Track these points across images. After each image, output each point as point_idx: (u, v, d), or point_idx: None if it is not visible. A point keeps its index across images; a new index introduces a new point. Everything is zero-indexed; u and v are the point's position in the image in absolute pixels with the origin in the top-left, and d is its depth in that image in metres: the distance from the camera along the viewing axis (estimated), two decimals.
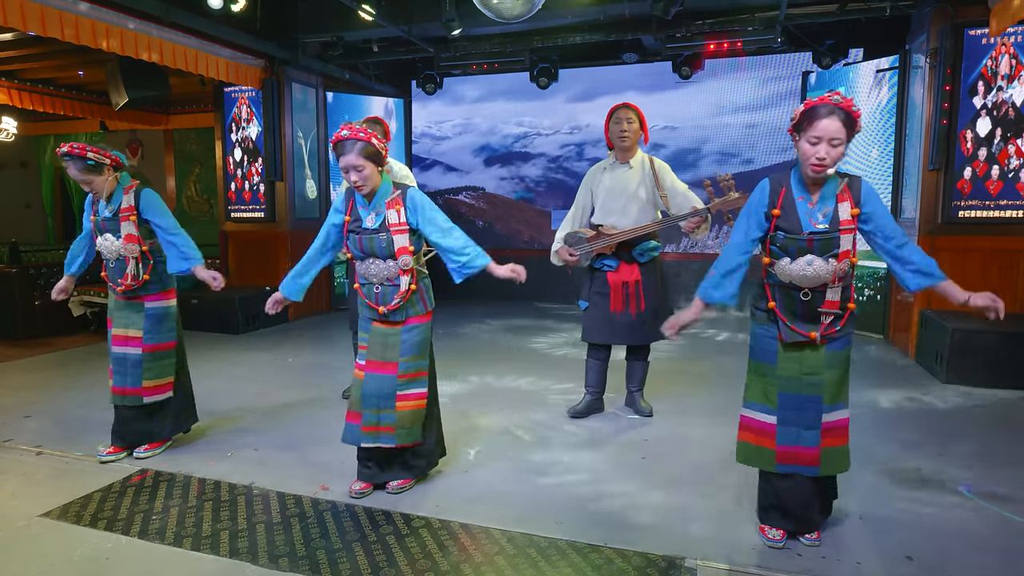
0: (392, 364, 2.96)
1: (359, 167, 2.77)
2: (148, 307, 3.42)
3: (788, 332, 2.49)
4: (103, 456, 3.41)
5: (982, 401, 4.39)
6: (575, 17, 6.32)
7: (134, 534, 2.67)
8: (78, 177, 3.28)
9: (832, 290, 2.46)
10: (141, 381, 3.37)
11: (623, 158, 3.87)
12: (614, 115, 3.84)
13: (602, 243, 3.81)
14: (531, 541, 2.58)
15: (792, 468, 2.51)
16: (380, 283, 2.92)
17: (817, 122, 2.31)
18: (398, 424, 2.94)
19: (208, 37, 6.15)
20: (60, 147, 3.27)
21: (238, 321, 6.62)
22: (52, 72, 7.60)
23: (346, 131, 2.77)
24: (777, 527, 2.59)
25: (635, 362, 4.09)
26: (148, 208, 3.36)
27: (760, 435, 2.56)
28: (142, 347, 3.38)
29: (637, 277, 3.84)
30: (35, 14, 4.60)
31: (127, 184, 3.38)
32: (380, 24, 6.37)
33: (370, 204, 2.89)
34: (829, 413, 2.50)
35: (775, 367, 2.54)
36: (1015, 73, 5.15)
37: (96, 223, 3.40)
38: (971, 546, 2.55)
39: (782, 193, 2.46)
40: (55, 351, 6.00)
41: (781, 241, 2.45)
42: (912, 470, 3.28)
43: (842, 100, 2.31)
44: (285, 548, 2.55)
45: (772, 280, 2.53)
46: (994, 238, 5.30)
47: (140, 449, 3.45)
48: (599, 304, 3.91)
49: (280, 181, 7.35)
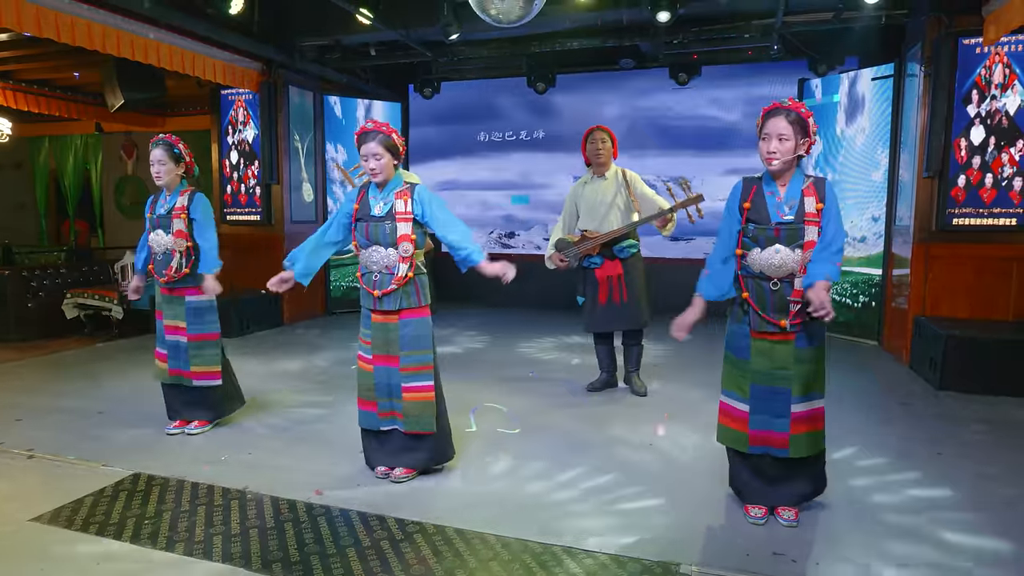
0: (394, 357, 3.13)
1: (378, 155, 3.05)
2: (189, 300, 3.81)
3: (759, 321, 2.71)
4: (171, 430, 3.83)
5: (976, 408, 4.39)
6: (573, 23, 6.33)
7: (126, 539, 2.65)
8: (158, 158, 3.71)
9: (799, 279, 2.64)
10: (190, 366, 3.79)
11: (599, 172, 4.51)
12: (590, 136, 4.50)
13: (586, 245, 4.44)
14: (526, 547, 2.57)
15: (763, 449, 2.76)
16: (379, 270, 3.09)
17: (766, 121, 2.68)
18: (405, 412, 3.13)
19: (205, 39, 6.14)
20: (158, 134, 3.79)
21: (232, 324, 6.60)
22: (48, 73, 7.58)
23: (370, 124, 3.08)
24: (757, 504, 2.79)
25: (630, 347, 4.64)
26: (195, 208, 3.80)
27: (735, 421, 2.82)
28: (187, 336, 3.79)
29: (619, 271, 4.45)
30: (31, 15, 4.59)
31: (184, 187, 3.84)
32: (378, 28, 6.38)
33: (380, 194, 3.12)
34: (800, 403, 2.71)
35: (748, 362, 2.77)
36: (1008, 82, 5.18)
37: (151, 220, 3.82)
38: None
39: (753, 189, 2.75)
40: (48, 354, 5.97)
41: (752, 232, 2.71)
42: (905, 476, 3.28)
43: (790, 103, 2.66)
44: (279, 553, 2.54)
45: (745, 271, 2.75)
46: (988, 246, 5.33)
47: (192, 425, 3.86)
48: (592, 297, 4.53)
49: (276, 184, 7.33)
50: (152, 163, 3.73)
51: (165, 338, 3.83)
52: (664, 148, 8.26)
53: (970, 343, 4.71)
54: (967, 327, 4.92)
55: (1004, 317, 5.25)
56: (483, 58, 7.59)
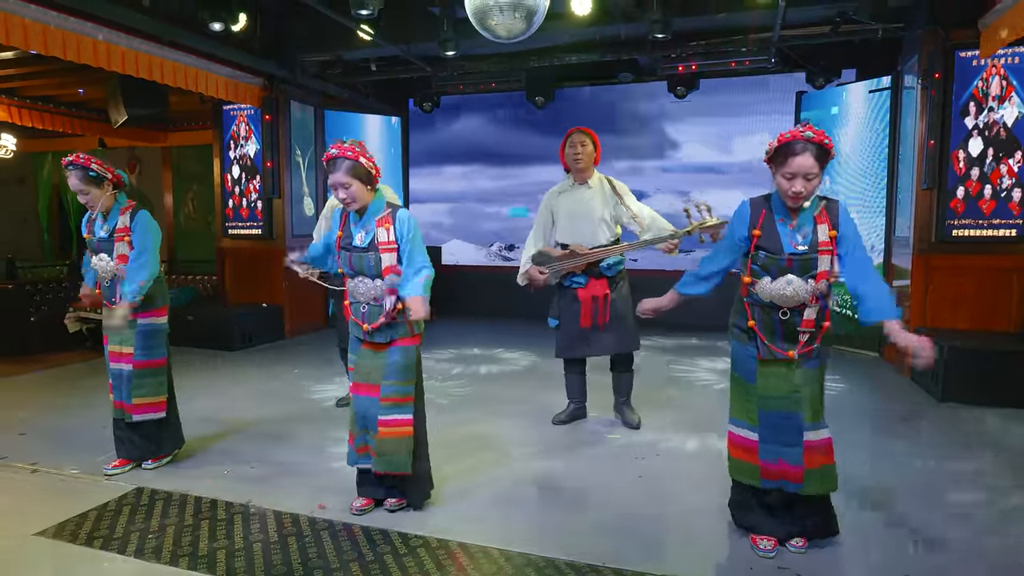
0: (375, 387, 2.92)
1: (346, 184, 2.79)
2: (140, 324, 3.42)
3: (766, 351, 2.57)
4: (108, 470, 3.43)
5: (978, 419, 4.39)
6: (571, 37, 6.39)
7: (130, 553, 2.65)
8: (77, 187, 3.29)
9: (810, 309, 2.52)
10: (131, 398, 3.40)
11: (580, 179, 4.05)
12: (569, 139, 4.03)
13: (573, 262, 3.93)
14: (529, 561, 2.57)
15: (776, 484, 2.58)
16: (367, 302, 2.90)
17: (792, 159, 2.40)
18: (379, 450, 2.88)
19: (208, 56, 6.20)
20: (65, 157, 3.28)
21: (234, 338, 6.61)
22: (52, 90, 7.65)
23: (335, 150, 2.79)
24: (767, 536, 2.63)
25: (619, 374, 4.19)
26: (135, 229, 3.37)
27: (745, 451, 2.64)
28: (132, 363, 3.41)
29: (606, 290, 3.96)
30: (38, 33, 4.64)
31: (124, 204, 3.41)
32: (378, 44, 6.44)
33: (360, 221, 2.91)
34: (810, 432, 2.55)
35: (754, 386, 2.61)
36: (1006, 94, 5.22)
37: (91, 243, 3.42)
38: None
39: (762, 214, 2.54)
40: (51, 367, 5.98)
41: (762, 260, 2.53)
42: (907, 487, 3.28)
43: (814, 135, 2.39)
44: (282, 568, 2.54)
45: (752, 299, 2.59)
46: (988, 256, 5.34)
47: (148, 462, 3.51)
48: (570, 320, 4.00)
49: (278, 198, 7.38)
50: (74, 192, 3.31)
51: (109, 366, 3.46)
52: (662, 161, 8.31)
53: (972, 354, 4.72)
54: (968, 338, 4.92)
55: (1005, 328, 5.25)
56: (482, 72, 7.65)
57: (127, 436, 3.47)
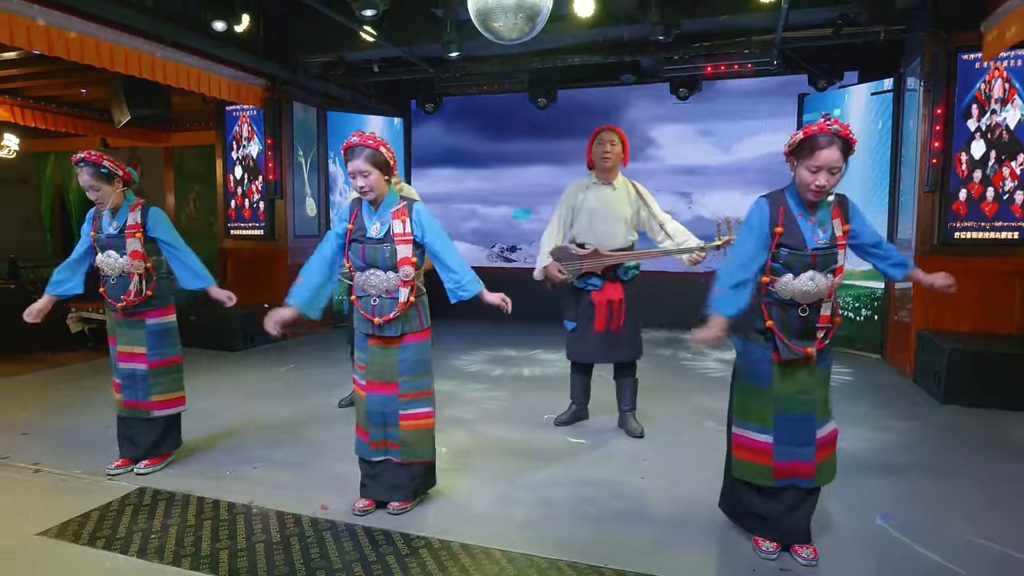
0: (392, 384, 2.94)
1: (365, 172, 2.80)
2: (150, 323, 3.44)
3: (786, 350, 2.51)
4: (111, 470, 3.42)
5: (980, 421, 4.39)
6: (574, 39, 6.40)
7: (133, 553, 2.65)
8: (88, 183, 3.31)
9: (826, 304, 2.54)
10: (150, 395, 3.41)
11: (605, 178, 3.97)
12: (598, 136, 3.95)
13: (596, 263, 3.86)
14: (531, 562, 2.57)
15: (789, 481, 2.57)
16: (379, 295, 2.89)
17: (818, 152, 2.39)
18: (402, 441, 2.95)
19: (210, 57, 6.22)
20: (76, 154, 3.30)
21: (236, 339, 6.61)
22: (55, 90, 7.66)
23: (356, 138, 2.82)
24: (770, 539, 2.62)
25: (623, 380, 4.11)
26: (156, 226, 3.40)
27: (757, 453, 2.60)
28: (147, 363, 3.42)
29: (621, 295, 3.90)
30: (41, 34, 4.66)
31: (133, 201, 3.42)
32: (381, 45, 6.45)
33: (375, 213, 2.90)
34: (821, 428, 2.57)
35: (769, 389, 2.56)
36: (1008, 96, 5.22)
37: (98, 240, 3.41)
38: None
39: (781, 211, 2.51)
40: (53, 367, 5.98)
41: (784, 258, 2.48)
42: (909, 489, 3.28)
43: (840, 128, 2.39)
44: (284, 568, 2.54)
45: (770, 298, 2.54)
46: (990, 259, 5.34)
47: (140, 465, 3.46)
48: (584, 323, 3.95)
49: (280, 199, 7.38)
50: (84, 188, 3.35)
51: (119, 366, 3.44)
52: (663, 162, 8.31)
53: (974, 357, 4.71)
54: (970, 341, 4.92)
55: (1007, 330, 5.25)
56: (485, 74, 7.66)
57: (131, 435, 3.47)
